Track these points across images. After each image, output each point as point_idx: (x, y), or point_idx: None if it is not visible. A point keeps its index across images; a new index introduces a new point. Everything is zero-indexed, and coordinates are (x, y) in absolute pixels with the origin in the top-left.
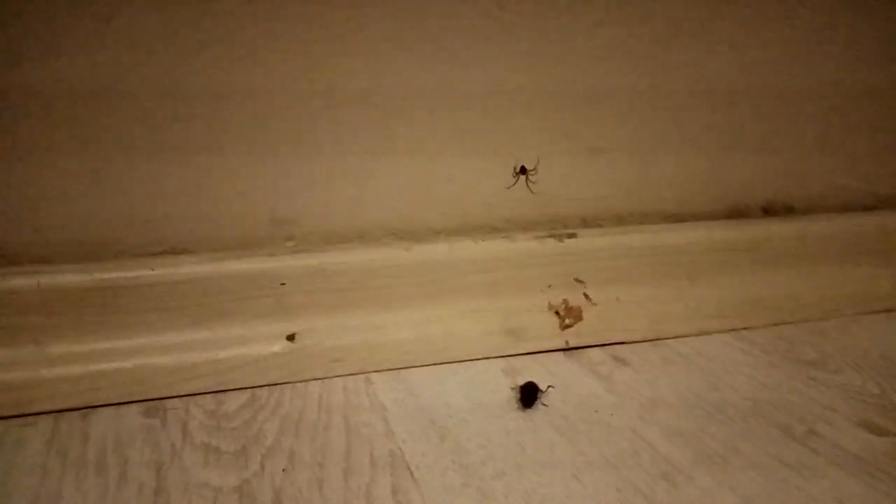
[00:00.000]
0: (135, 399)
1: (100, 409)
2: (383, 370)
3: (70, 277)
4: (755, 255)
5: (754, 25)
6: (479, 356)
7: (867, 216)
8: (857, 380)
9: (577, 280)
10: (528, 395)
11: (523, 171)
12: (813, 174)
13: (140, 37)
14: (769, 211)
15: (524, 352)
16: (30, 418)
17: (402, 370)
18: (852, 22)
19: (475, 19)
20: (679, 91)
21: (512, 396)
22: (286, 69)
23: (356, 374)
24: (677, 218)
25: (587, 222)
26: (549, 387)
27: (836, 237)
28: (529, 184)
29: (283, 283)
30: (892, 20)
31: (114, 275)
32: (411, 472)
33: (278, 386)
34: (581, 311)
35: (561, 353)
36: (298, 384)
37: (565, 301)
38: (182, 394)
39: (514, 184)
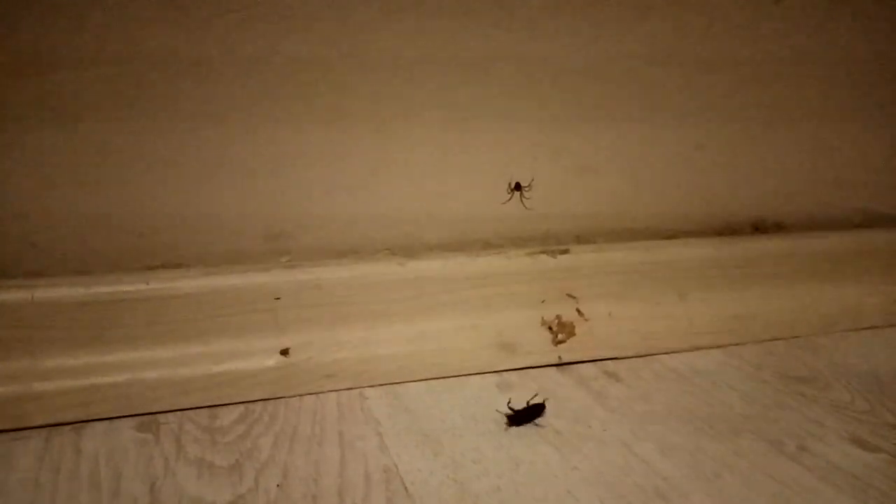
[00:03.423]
0: (128, 413)
1: (93, 424)
2: (377, 385)
3: (64, 291)
4: (745, 271)
5: (744, 47)
6: (473, 371)
7: (856, 234)
8: (847, 396)
9: (570, 296)
10: (521, 416)
11: (518, 187)
12: (803, 192)
13: (134, 51)
14: (759, 228)
15: (517, 367)
16: (22, 432)
17: (397, 385)
18: (843, 42)
19: (473, 38)
20: (671, 109)
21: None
22: (282, 85)
23: (350, 388)
24: (669, 235)
25: (580, 239)
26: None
27: (825, 254)
28: (524, 200)
29: (278, 298)
30: (881, 40)
31: (108, 289)
32: (406, 488)
33: (272, 401)
34: (574, 327)
35: (554, 368)
36: (292, 399)
37: (558, 316)
38: (176, 408)
39: (509, 200)
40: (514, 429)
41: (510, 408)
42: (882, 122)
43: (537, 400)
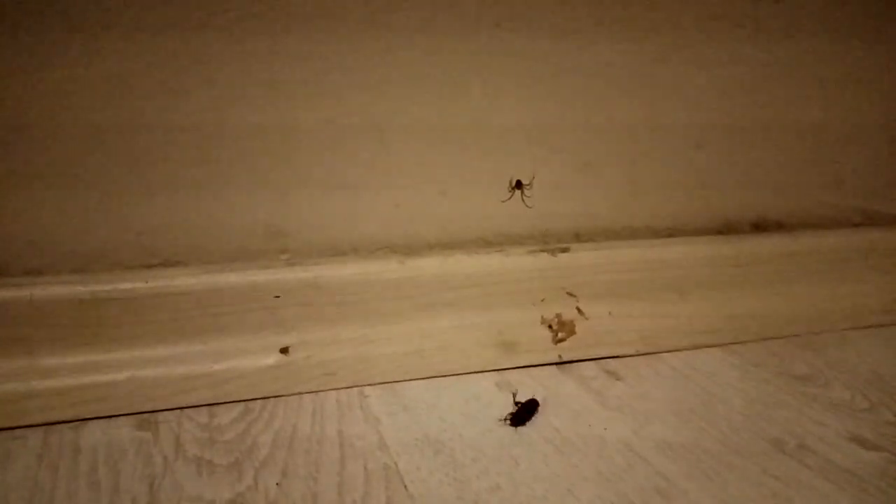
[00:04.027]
0: (127, 412)
1: (91, 422)
2: (377, 383)
3: (63, 289)
4: (745, 270)
5: (744, 46)
6: (473, 370)
7: (855, 232)
8: (847, 394)
9: (570, 294)
10: (522, 414)
11: (519, 185)
12: (802, 191)
13: (133, 53)
14: (759, 227)
15: (517, 365)
16: (20, 431)
17: (396, 383)
18: (841, 45)
19: (472, 36)
20: (671, 108)
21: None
22: (282, 84)
23: (350, 387)
24: (669, 233)
25: (580, 237)
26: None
27: (825, 253)
28: (524, 198)
29: (277, 296)
30: (876, 44)
31: (107, 287)
32: (406, 486)
33: (272, 399)
34: (574, 325)
35: (554, 366)
36: (292, 397)
37: (558, 315)
38: (175, 406)
39: (510, 198)
40: (513, 427)
41: (508, 414)
42: (881, 121)
43: (523, 399)
